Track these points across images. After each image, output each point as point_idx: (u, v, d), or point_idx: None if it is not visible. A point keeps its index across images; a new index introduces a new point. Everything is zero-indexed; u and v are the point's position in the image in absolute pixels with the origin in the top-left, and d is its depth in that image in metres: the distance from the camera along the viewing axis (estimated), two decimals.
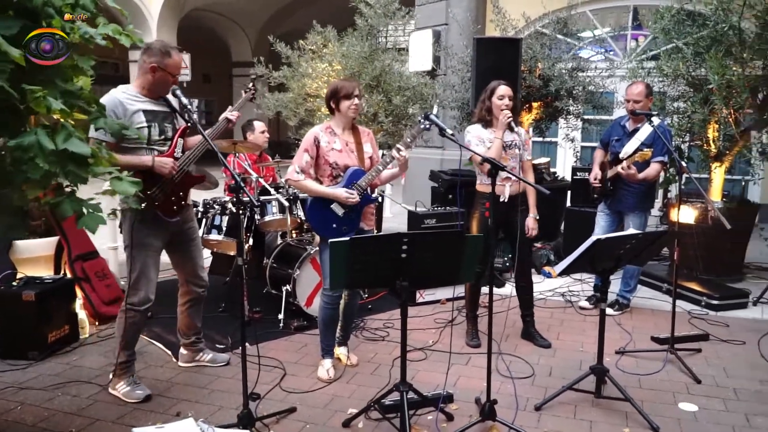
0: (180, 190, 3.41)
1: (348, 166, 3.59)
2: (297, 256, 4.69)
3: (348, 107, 3.56)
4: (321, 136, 3.61)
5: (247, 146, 4.97)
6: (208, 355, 3.93)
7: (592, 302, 5.19)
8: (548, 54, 6.63)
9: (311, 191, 3.59)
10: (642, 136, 4.78)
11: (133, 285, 3.37)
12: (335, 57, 6.74)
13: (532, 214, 4.20)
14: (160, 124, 3.33)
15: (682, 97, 6.02)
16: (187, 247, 3.63)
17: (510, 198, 4.12)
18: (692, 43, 5.71)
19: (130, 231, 3.34)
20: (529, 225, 4.20)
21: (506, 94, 4.07)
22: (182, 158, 3.39)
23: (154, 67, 3.24)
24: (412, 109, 6.69)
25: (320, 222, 3.60)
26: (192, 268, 3.68)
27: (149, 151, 3.30)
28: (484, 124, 4.18)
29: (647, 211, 4.93)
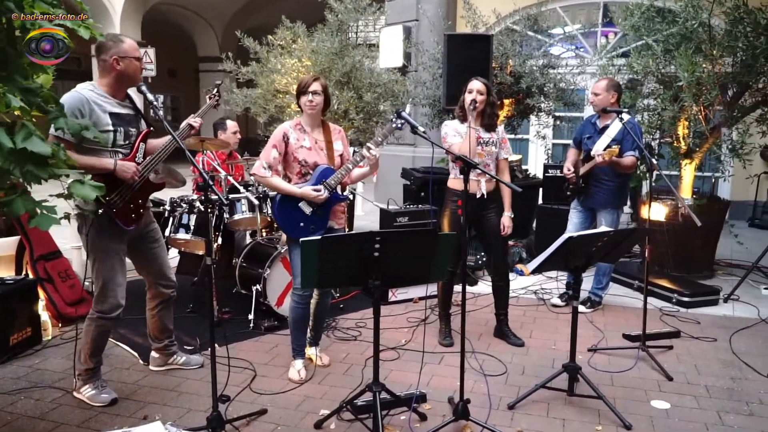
0: (139, 198, 3.32)
1: (317, 164, 3.58)
2: (267, 255, 4.66)
3: (304, 103, 3.55)
4: (290, 132, 3.59)
5: (216, 144, 4.92)
6: (182, 357, 3.88)
7: (564, 300, 5.25)
8: (519, 51, 6.67)
9: (277, 188, 3.57)
10: (612, 133, 4.84)
11: (101, 292, 3.28)
12: (305, 53, 6.70)
13: (507, 212, 4.23)
14: (125, 128, 3.25)
15: (652, 94, 6.11)
16: (151, 249, 3.56)
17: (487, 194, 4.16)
18: (662, 40, 5.81)
19: (89, 237, 3.23)
20: (504, 223, 4.22)
21: (474, 88, 4.09)
22: (144, 163, 3.29)
23: (116, 59, 3.16)
24: (383, 106, 6.68)
25: (288, 221, 3.58)
26: (159, 270, 3.62)
27: (113, 153, 3.21)
28: (460, 120, 4.21)
29: (620, 208, 4.99)
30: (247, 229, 5.27)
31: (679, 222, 5.84)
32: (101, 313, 3.31)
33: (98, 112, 3.11)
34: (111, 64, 3.17)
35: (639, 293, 5.48)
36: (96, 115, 3.10)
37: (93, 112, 3.10)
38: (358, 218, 8.58)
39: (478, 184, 4.14)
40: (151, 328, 3.79)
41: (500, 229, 4.21)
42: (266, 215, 4.92)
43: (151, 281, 3.65)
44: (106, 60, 3.18)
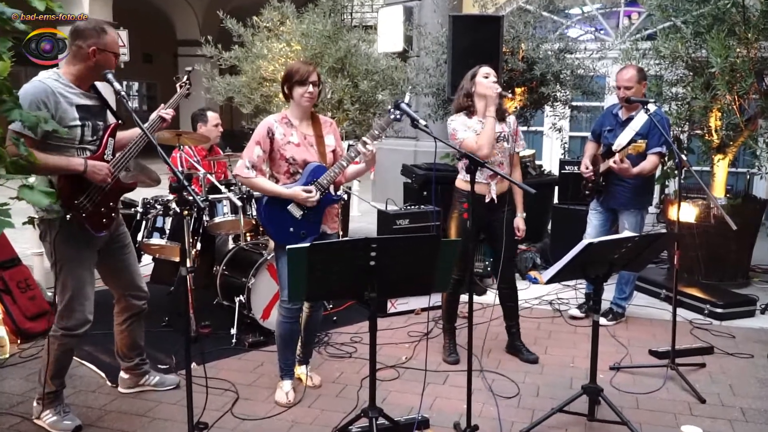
0: (110, 200, 3.27)
1: (307, 161, 3.55)
2: (252, 263, 4.63)
3: (301, 95, 3.52)
4: (276, 127, 3.56)
5: (194, 138, 4.90)
6: (154, 377, 3.84)
7: (583, 311, 5.22)
8: (532, 34, 6.65)
9: (263, 190, 3.54)
10: (636, 126, 4.81)
11: (68, 306, 3.23)
12: (294, 36, 6.68)
13: (520, 213, 4.21)
14: (93, 122, 3.20)
15: (681, 81, 6.08)
16: (121, 256, 3.52)
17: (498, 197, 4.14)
18: (692, 21, 5.76)
19: (55, 245, 3.17)
20: (518, 226, 4.20)
21: (491, 72, 4.07)
22: (114, 161, 3.24)
23: (95, 50, 3.11)
24: (381, 95, 6.69)
25: (275, 225, 3.55)
26: (129, 279, 3.58)
27: (80, 151, 3.16)
28: (466, 113, 4.17)
29: (644, 208, 4.97)
30: (230, 233, 5.25)
31: (711, 224, 5.81)
32: (66, 330, 3.25)
33: (64, 105, 3.06)
34: (88, 53, 3.12)
35: (666, 304, 5.47)
36: (62, 108, 3.05)
37: (59, 105, 3.04)
38: (354, 220, 8.56)
39: (487, 188, 4.12)
40: (120, 345, 3.74)
41: (513, 231, 4.20)
42: (251, 218, 4.90)
43: (120, 293, 3.60)
44: (81, 47, 3.12)
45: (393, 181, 7.63)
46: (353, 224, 8.14)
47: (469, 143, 4.00)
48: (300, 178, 3.54)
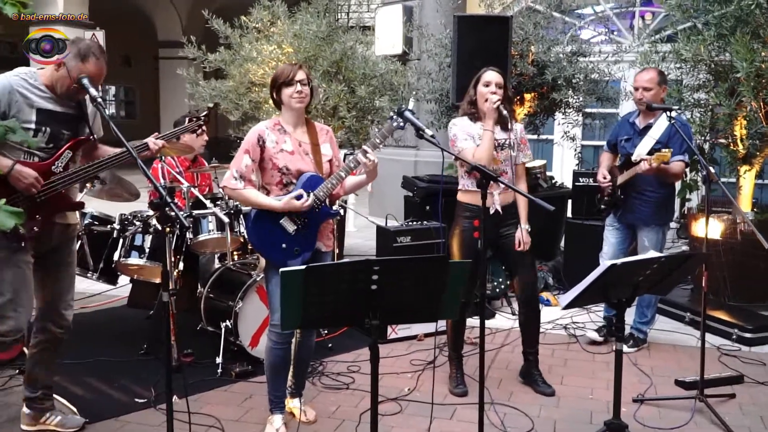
0: (41, 213, 3.26)
1: (301, 171, 3.53)
2: (239, 284, 4.60)
3: (290, 97, 3.51)
4: (267, 134, 3.53)
5: (178, 148, 4.83)
6: (56, 417, 3.71)
7: (602, 335, 5.17)
8: (543, 35, 6.63)
9: (253, 203, 3.52)
10: (656, 134, 4.78)
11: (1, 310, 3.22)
12: (285, 37, 6.67)
13: (523, 225, 4.19)
14: (54, 129, 3.24)
15: (703, 87, 6.05)
16: (54, 271, 3.49)
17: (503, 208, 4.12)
18: (714, 23, 5.74)
19: None
20: (520, 238, 4.17)
21: (493, 80, 4.05)
22: (61, 175, 3.26)
23: (60, 62, 3.18)
24: (379, 101, 6.68)
25: (266, 242, 3.52)
26: (55, 300, 3.53)
27: (28, 155, 3.21)
28: (471, 118, 4.16)
29: (665, 224, 4.94)
30: (215, 252, 5.22)
31: (738, 240, 5.78)
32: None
33: (22, 105, 3.14)
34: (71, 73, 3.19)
35: (692, 328, 5.45)
36: (18, 107, 3.14)
37: (14, 104, 3.12)
38: (349, 236, 8.51)
39: (491, 198, 4.07)
40: (27, 372, 3.67)
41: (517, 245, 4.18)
42: (238, 235, 4.87)
43: (41, 311, 3.55)
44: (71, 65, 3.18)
45: (392, 194, 7.61)
46: (349, 240, 8.08)
47: (466, 154, 3.98)
48: (294, 189, 3.50)
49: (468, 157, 3.94)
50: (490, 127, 3.98)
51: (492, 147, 3.99)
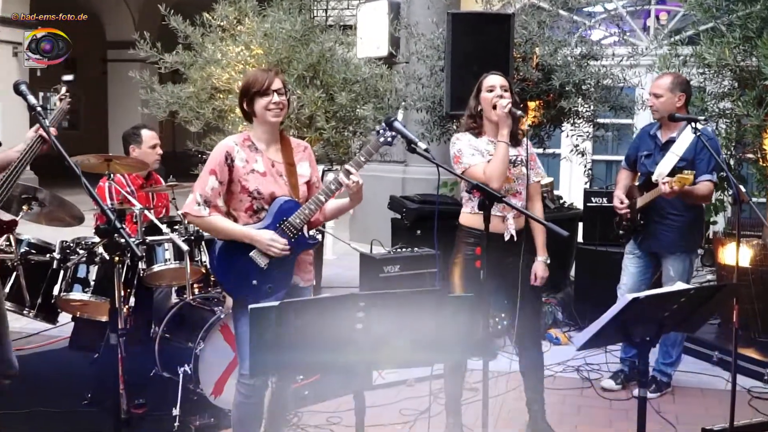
0: None
1: (275, 195, 3.51)
2: (200, 323, 4.57)
3: (265, 108, 3.49)
4: (236, 151, 3.51)
5: (127, 164, 4.85)
6: None
7: (618, 382, 5.15)
8: (548, 36, 6.68)
9: (220, 231, 3.50)
10: (680, 149, 4.79)
11: None
12: (254, 37, 6.69)
13: (541, 257, 4.18)
14: None
15: (729, 95, 6.09)
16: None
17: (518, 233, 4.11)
18: (739, 24, 5.79)
19: None
20: (537, 272, 4.16)
21: (497, 84, 4.05)
22: None
23: None
24: (362, 110, 6.68)
25: (234, 277, 3.51)
26: None
27: None
28: (474, 134, 4.16)
29: (692, 252, 4.97)
30: (172, 285, 5.20)
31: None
32: None
33: None
34: None
35: (720, 368, 5.45)
36: None
37: None
38: (328, 265, 8.46)
39: (503, 222, 4.06)
40: None
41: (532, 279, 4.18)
42: (200, 265, 4.87)
43: None
44: None
45: (377, 217, 7.60)
46: (327, 270, 8.04)
47: (475, 171, 3.96)
48: (265, 216, 3.49)
49: (477, 174, 3.92)
50: (504, 137, 3.95)
51: (507, 161, 3.96)
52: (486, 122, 4.08)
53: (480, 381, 3.34)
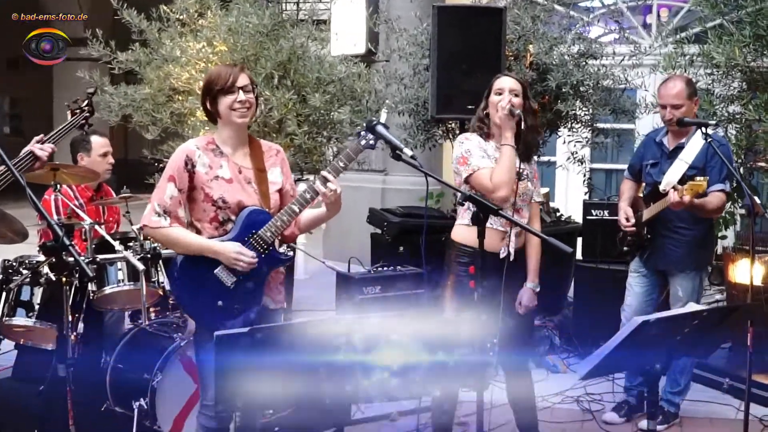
0: None
1: (243, 204, 3.50)
2: (157, 351, 4.54)
3: (230, 107, 3.48)
4: (198, 156, 3.50)
5: (76, 175, 4.82)
6: None
7: (623, 413, 5.15)
8: (543, 32, 6.70)
9: (180, 244, 3.48)
10: (689, 156, 4.80)
11: None
12: (218, 33, 6.71)
13: (530, 283, 4.19)
14: None
15: (739, 98, 6.13)
16: None
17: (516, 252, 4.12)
18: (748, 20, 5.83)
19: None
20: (522, 300, 4.18)
21: (506, 87, 4.07)
22: None
23: None
24: (338, 113, 6.69)
25: (196, 298, 3.50)
26: None
27: None
28: (482, 136, 4.18)
29: (703, 269, 4.98)
30: (126, 308, 5.17)
31: None
32: None
33: None
34: None
35: (731, 396, 5.47)
36: None
37: None
38: (299, 285, 8.38)
39: (503, 238, 4.06)
40: None
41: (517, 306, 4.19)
42: (157, 286, 4.85)
43: None
44: None
45: (354, 231, 7.62)
46: (299, 292, 7.98)
47: (482, 176, 3.99)
48: (233, 228, 3.47)
49: (484, 180, 3.96)
50: (509, 140, 3.97)
51: (513, 167, 3.97)
52: (494, 127, 4.09)
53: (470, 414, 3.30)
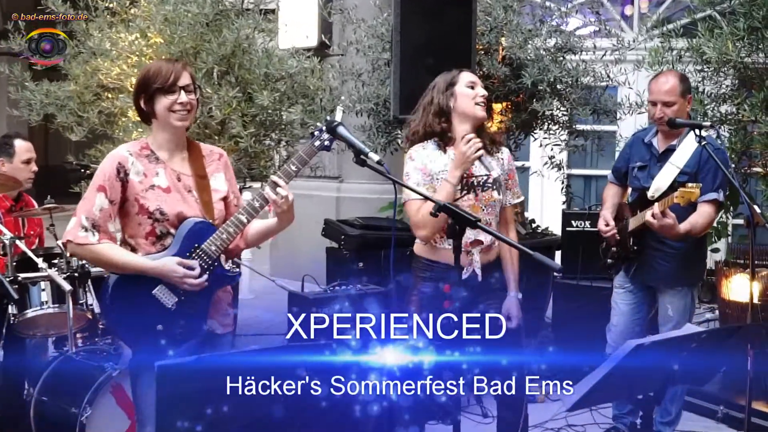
0: None
1: (183, 216, 3.46)
2: (86, 383, 4.49)
3: (168, 109, 3.44)
4: (130, 162, 3.45)
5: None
6: None
7: None
8: (517, 24, 6.75)
9: (112, 263, 3.43)
10: (680, 160, 4.82)
11: None
12: (153, 23, 6.70)
13: (512, 292, 4.20)
14: None
15: (732, 97, 6.19)
16: None
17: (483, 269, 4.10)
18: (743, 11, 5.90)
19: None
20: (510, 311, 4.16)
21: (478, 82, 4.10)
22: None
23: None
24: (288, 112, 6.67)
25: (131, 322, 3.45)
26: None
27: None
28: (438, 142, 4.15)
29: (694, 285, 5.00)
30: (50, 334, 5.12)
31: None
32: None
33: None
34: None
35: (726, 426, 5.51)
36: None
37: None
38: (244, 306, 8.29)
39: (467, 257, 4.05)
40: None
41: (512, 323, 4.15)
42: (85, 309, 4.84)
43: None
44: None
45: (307, 245, 7.61)
46: (244, 313, 7.89)
47: (409, 209, 4.03)
48: (172, 243, 3.43)
49: (410, 213, 4.01)
50: (455, 178, 3.94)
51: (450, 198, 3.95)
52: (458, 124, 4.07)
53: None
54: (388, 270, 4.10)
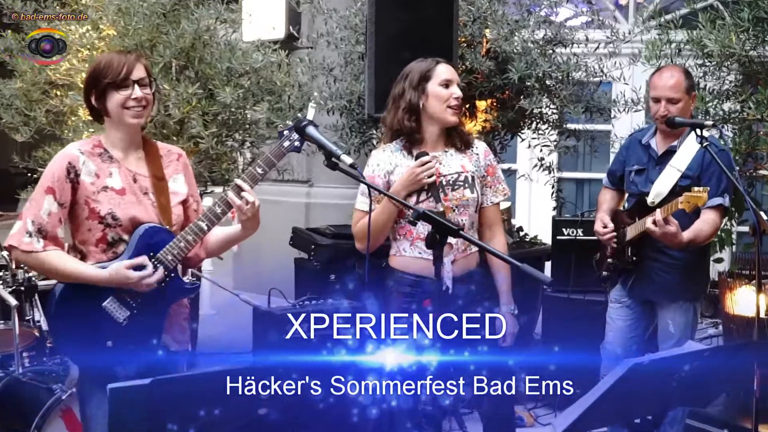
0: None
1: (138, 221, 3.45)
2: (33, 406, 4.50)
3: (121, 105, 3.43)
4: (81, 162, 3.43)
5: None
6: None
7: None
8: (502, 14, 6.76)
9: (60, 272, 3.42)
10: (681, 163, 4.82)
11: None
12: (106, 14, 6.70)
13: (506, 305, 4.26)
14: None
15: (735, 94, 6.21)
16: None
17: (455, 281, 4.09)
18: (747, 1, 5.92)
19: None
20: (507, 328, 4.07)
21: (455, 80, 4.11)
22: None
23: None
24: (253, 111, 6.73)
25: (79, 338, 3.41)
26: None
27: None
28: (405, 143, 4.15)
29: (697, 299, 5.01)
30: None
31: None
32: None
33: None
34: None
35: None
36: None
37: None
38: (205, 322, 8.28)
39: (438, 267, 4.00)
40: None
41: None
42: (32, 326, 4.86)
43: None
44: None
45: (273, 256, 7.61)
46: (204, 329, 7.87)
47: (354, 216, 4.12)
48: (125, 251, 3.41)
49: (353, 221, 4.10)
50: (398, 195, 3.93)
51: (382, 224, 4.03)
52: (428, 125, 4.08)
53: None
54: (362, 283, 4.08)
